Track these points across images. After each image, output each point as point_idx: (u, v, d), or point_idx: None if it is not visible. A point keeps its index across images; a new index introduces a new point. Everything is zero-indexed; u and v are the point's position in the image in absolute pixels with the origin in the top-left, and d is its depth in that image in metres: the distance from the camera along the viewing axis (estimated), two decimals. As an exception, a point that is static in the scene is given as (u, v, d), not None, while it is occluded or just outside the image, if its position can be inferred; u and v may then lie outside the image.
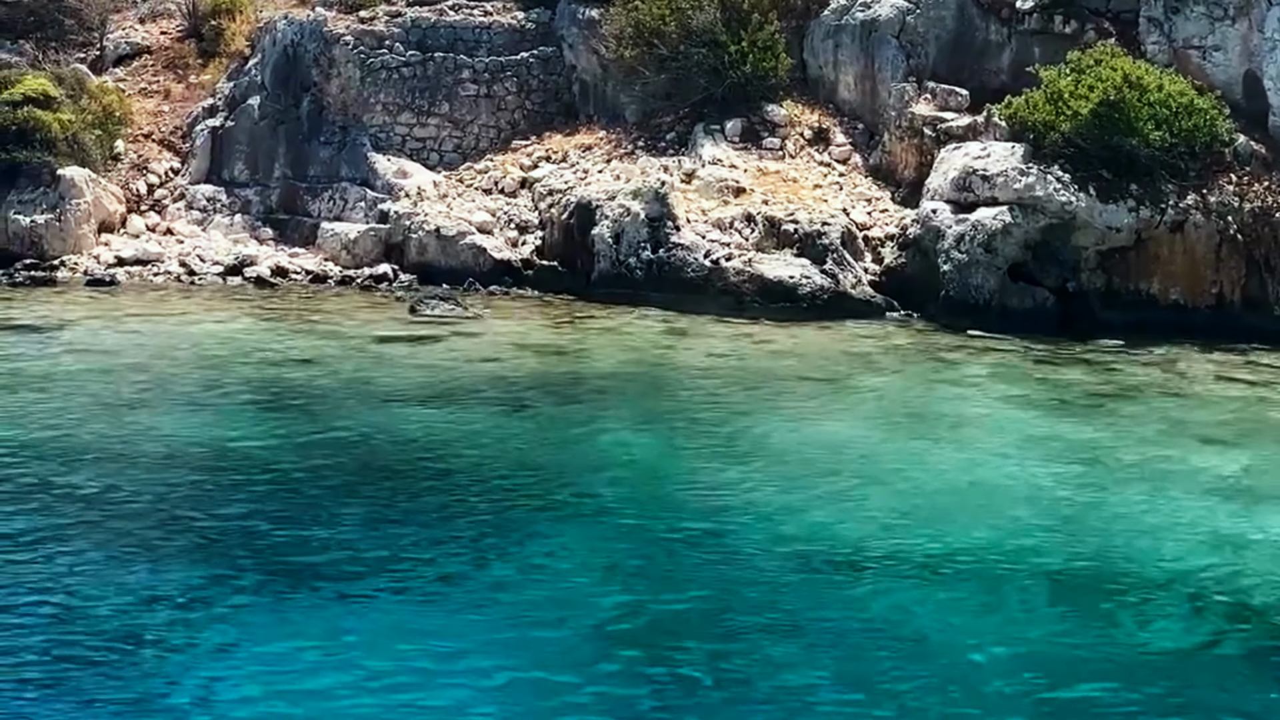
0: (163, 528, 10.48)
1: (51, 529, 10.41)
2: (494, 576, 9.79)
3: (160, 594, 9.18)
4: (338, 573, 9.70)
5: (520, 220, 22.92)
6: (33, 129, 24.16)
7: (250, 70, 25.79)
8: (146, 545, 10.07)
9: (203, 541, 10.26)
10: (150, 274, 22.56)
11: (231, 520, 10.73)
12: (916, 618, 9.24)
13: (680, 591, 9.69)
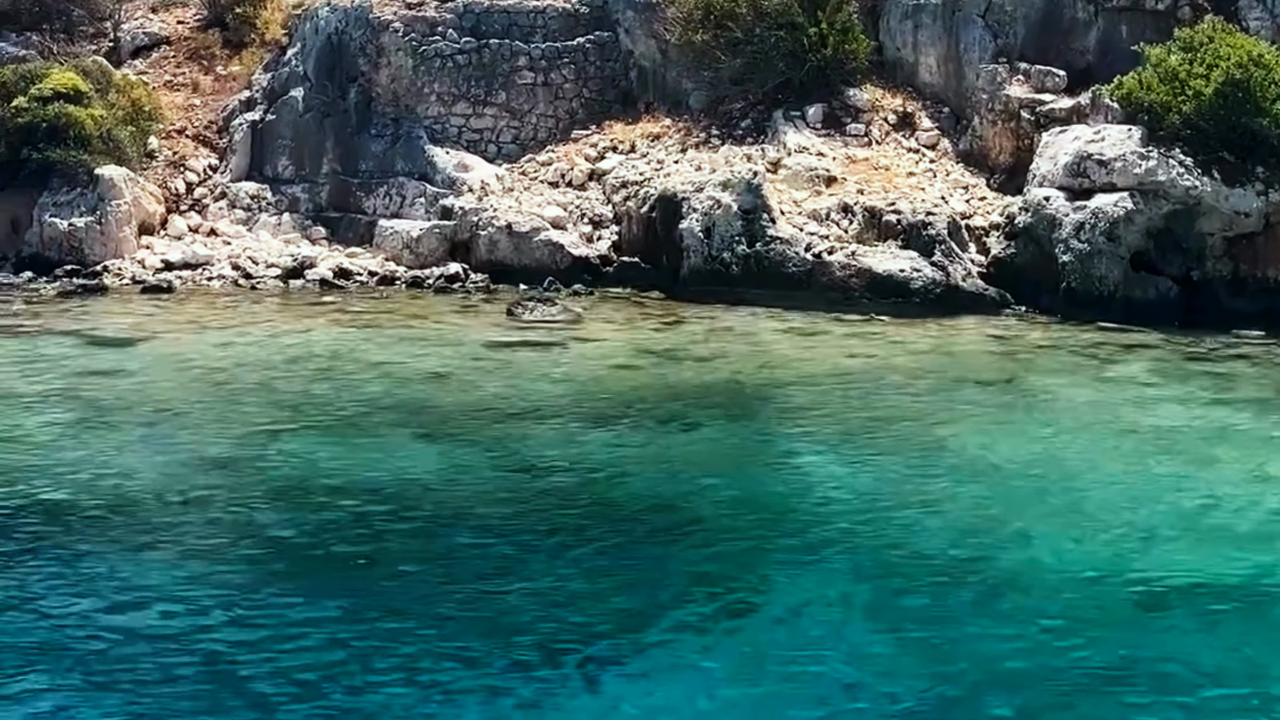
0: (369, 593, 9.20)
1: (250, 580, 9.29)
2: (755, 631, 8.68)
3: (389, 678, 7.90)
4: (587, 636, 8.53)
5: (594, 214, 21.79)
6: (65, 126, 22.67)
7: (290, 60, 24.40)
8: (356, 615, 8.74)
9: (425, 610, 8.94)
10: (203, 278, 21.22)
11: (443, 572, 9.52)
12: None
13: (979, 635, 8.71)
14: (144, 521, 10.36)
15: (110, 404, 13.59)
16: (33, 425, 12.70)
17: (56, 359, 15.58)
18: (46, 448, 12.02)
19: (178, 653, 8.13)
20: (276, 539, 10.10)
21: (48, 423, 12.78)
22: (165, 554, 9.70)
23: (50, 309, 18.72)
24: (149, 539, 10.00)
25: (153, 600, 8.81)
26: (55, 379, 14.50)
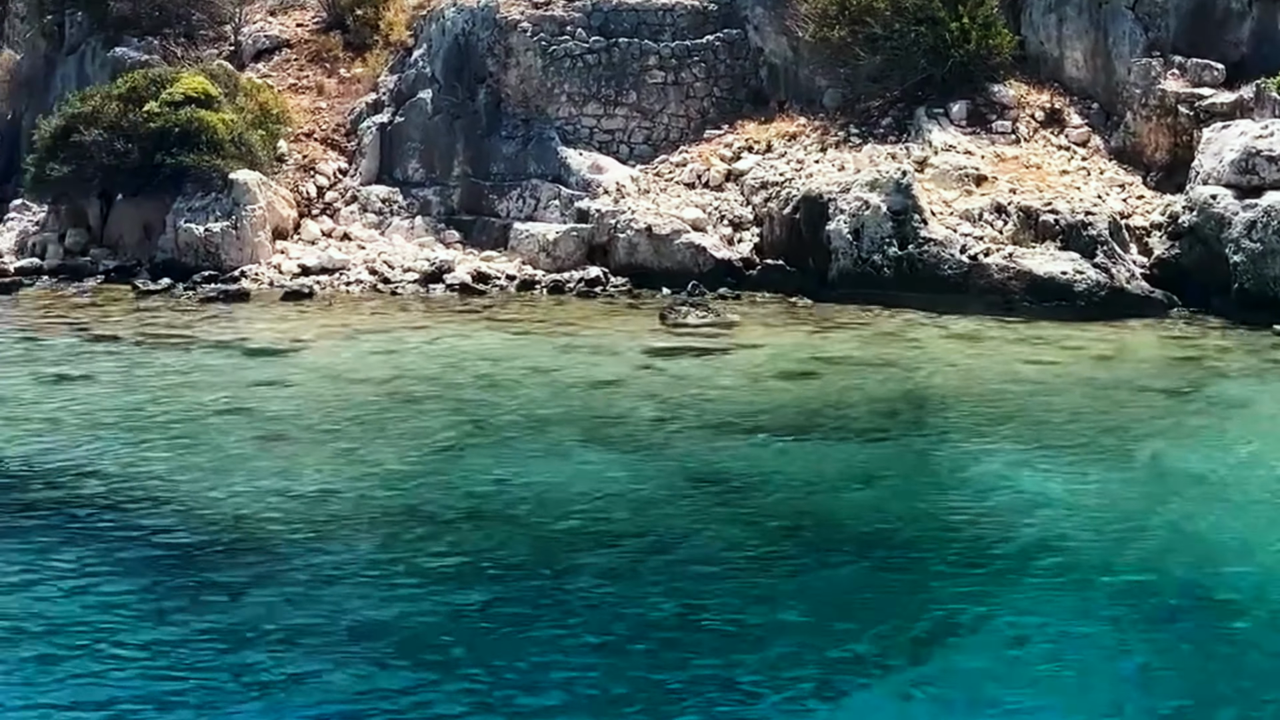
0: (574, 614, 8.94)
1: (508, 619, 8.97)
2: (979, 658, 8.16)
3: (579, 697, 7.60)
4: (797, 663, 8.03)
5: (733, 216, 21.36)
6: (197, 130, 22.61)
7: (416, 62, 24.19)
8: (554, 644, 8.43)
9: (614, 632, 8.60)
10: (341, 283, 21.04)
11: (640, 595, 9.12)
12: None
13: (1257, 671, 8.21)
14: (350, 546, 10.05)
15: (283, 418, 13.33)
16: (217, 442, 12.48)
17: (218, 370, 15.39)
18: (236, 468, 11.76)
19: (426, 689, 7.85)
20: (483, 557, 9.74)
21: (231, 440, 12.55)
22: (381, 577, 9.43)
23: (196, 316, 18.59)
24: (361, 563, 9.73)
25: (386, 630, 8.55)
26: (223, 393, 14.26)
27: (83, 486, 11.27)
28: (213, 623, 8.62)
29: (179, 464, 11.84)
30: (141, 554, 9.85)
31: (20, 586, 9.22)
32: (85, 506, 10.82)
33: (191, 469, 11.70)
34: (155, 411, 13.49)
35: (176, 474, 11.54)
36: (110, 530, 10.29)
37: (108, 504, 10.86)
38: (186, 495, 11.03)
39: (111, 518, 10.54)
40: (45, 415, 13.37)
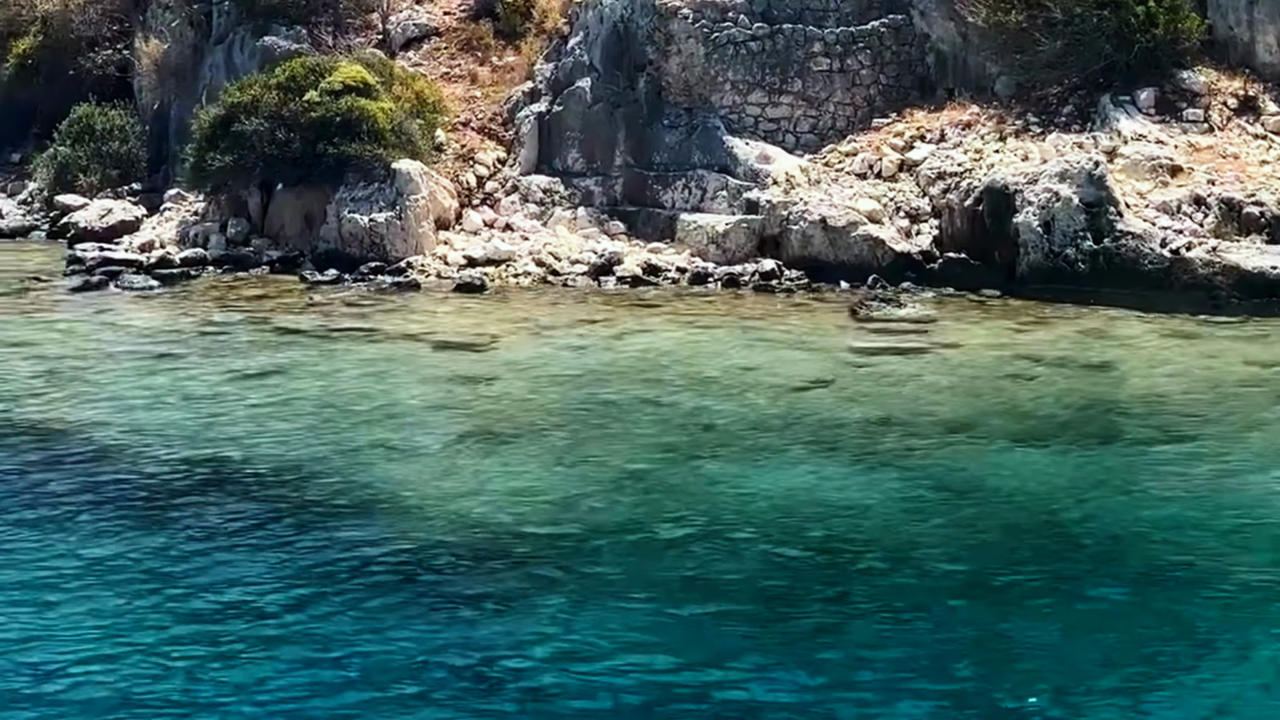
0: (839, 645, 8.44)
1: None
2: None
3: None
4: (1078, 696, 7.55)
5: (909, 207, 20.70)
6: (357, 120, 22.38)
7: (573, 50, 23.77)
8: (823, 675, 8.00)
9: (874, 657, 8.08)
10: (509, 275, 20.71)
11: (893, 618, 8.64)
12: None
13: None
14: (591, 555, 9.68)
15: (493, 416, 12.99)
16: (433, 443, 12.16)
17: (413, 365, 15.09)
18: (461, 470, 11.43)
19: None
20: (733, 576, 9.30)
21: (447, 439, 12.24)
22: (628, 590, 9.02)
23: (373, 308, 18.32)
24: (605, 574, 9.33)
25: (647, 648, 8.10)
26: (425, 389, 13.97)
27: (306, 489, 11.00)
28: (474, 637, 8.25)
29: (401, 465, 11.55)
30: (386, 562, 9.54)
31: (271, 592, 8.96)
32: (313, 510, 10.55)
33: (415, 471, 11.41)
34: (363, 409, 13.19)
35: (402, 476, 11.26)
36: (346, 535, 10.00)
37: (337, 508, 10.59)
38: (418, 499, 10.73)
39: (345, 523, 10.25)
40: (249, 413, 13.14)
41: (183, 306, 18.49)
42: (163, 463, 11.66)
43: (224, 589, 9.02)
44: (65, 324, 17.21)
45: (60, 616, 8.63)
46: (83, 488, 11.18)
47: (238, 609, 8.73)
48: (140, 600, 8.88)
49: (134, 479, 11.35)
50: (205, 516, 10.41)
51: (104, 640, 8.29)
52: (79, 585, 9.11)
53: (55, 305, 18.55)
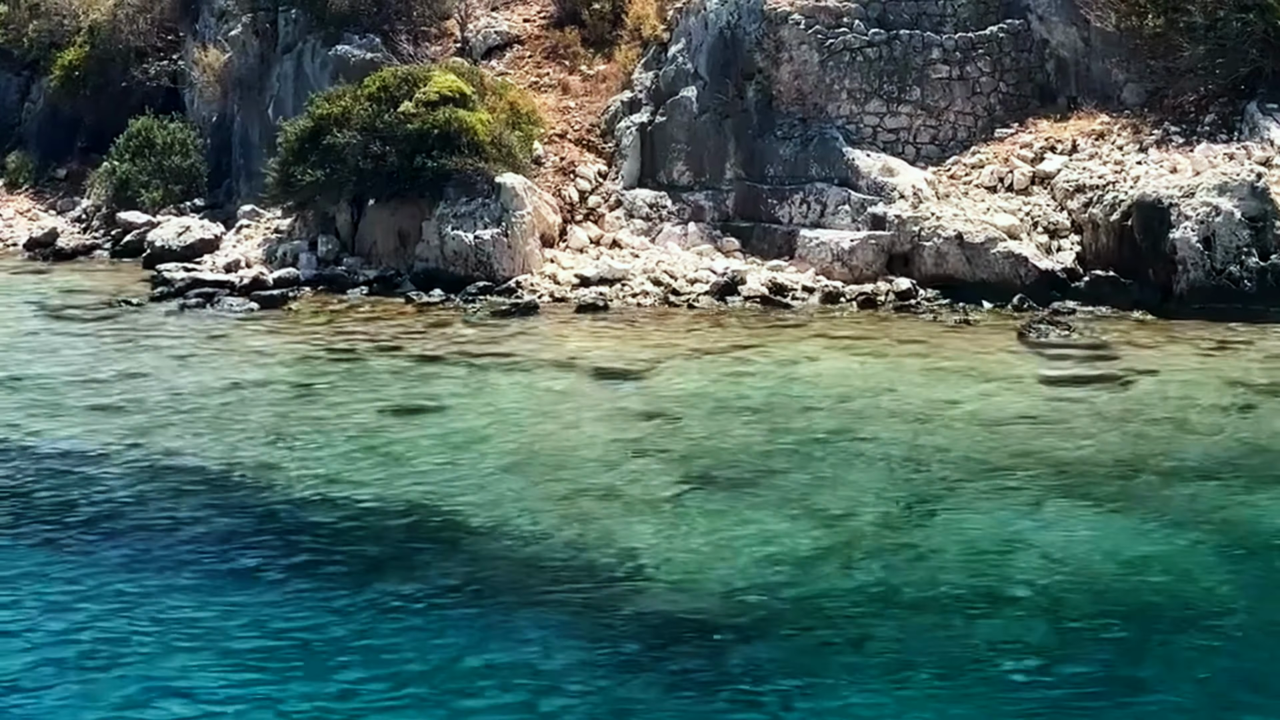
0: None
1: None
2: None
3: None
4: None
5: (1048, 222, 19.68)
6: (457, 132, 21.31)
7: (674, 58, 22.70)
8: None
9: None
10: (627, 295, 19.62)
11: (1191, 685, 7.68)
12: None
13: None
14: (867, 625, 8.62)
15: (696, 458, 11.82)
16: (642, 491, 11.02)
17: (578, 397, 14.01)
18: (687, 524, 10.32)
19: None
20: (1026, 649, 8.25)
21: (657, 486, 11.13)
22: (917, 666, 7.97)
23: (500, 332, 17.23)
24: (890, 649, 8.28)
25: None
26: (605, 426, 12.79)
27: (527, 548, 9.87)
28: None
29: (626, 521, 10.40)
30: (653, 639, 8.45)
31: (516, 677, 7.87)
32: (543, 573, 9.45)
33: (644, 528, 10.24)
34: (551, 450, 12.10)
35: (632, 534, 10.10)
36: (593, 607, 8.89)
37: (573, 571, 9.47)
38: (659, 562, 9.61)
39: (586, 592, 9.13)
40: (426, 454, 12.01)
41: (296, 331, 17.36)
42: (354, 513, 10.56)
43: (458, 667, 7.97)
44: (180, 351, 16.09)
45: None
46: (269, 542, 10.10)
47: (486, 696, 7.68)
48: (375, 686, 7.81)
49: (327, 531, 10.26)
50: (414, 580, 9.29)
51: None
52: (284, 666, 8.06)
53: (159, 330, 17.41)
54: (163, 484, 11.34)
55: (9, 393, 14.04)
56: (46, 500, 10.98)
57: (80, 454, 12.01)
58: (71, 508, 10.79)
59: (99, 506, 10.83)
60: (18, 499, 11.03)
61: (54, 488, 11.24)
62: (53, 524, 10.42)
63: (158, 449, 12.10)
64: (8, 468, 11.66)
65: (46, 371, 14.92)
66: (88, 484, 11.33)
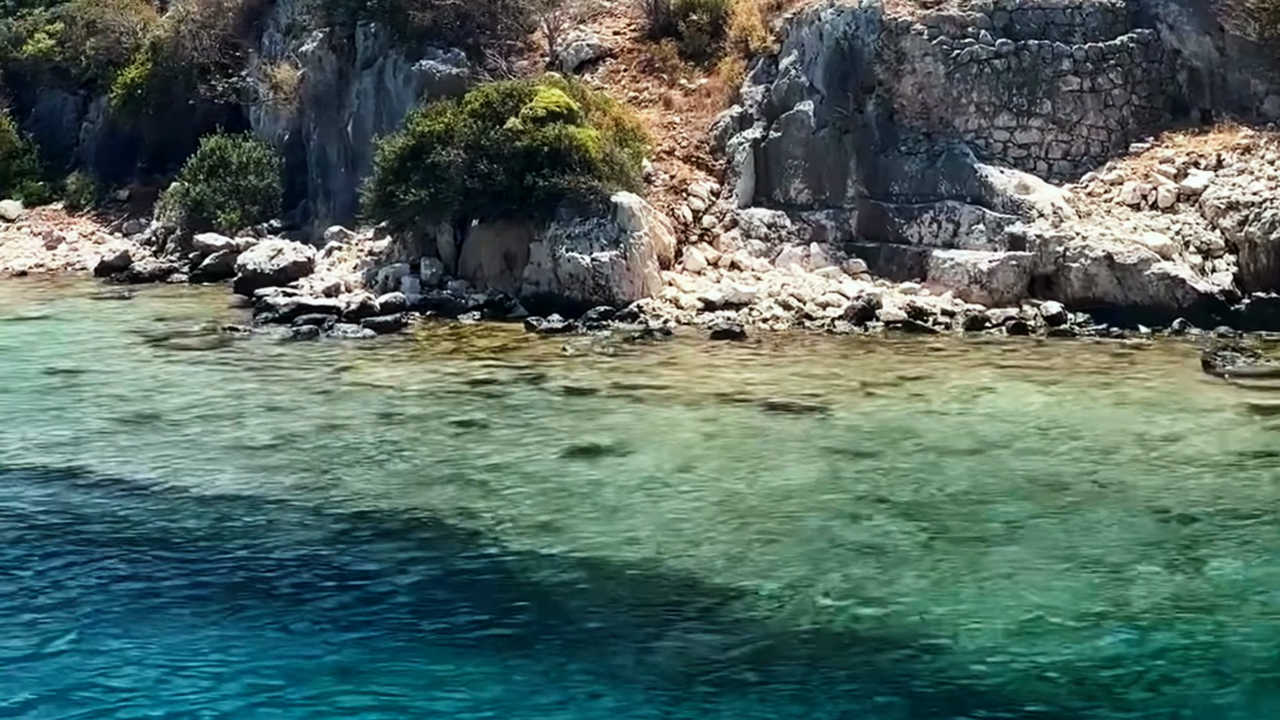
0: None
1: None
2: None
3: None
4: None
5: (1199, 241, 18.71)
6: (568, 149, 20.36)
7: (787, 70, 21.75)
8: None
9: None
10: (758, 319, 18.64)
11: None
12: None
13: None
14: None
15: (923, 506, 10.84)
16: (886, 542, 10.02)
17: (774, 436, 12.93)
18: (953, 587, 9.29)
19: None
20: None
21: (900, 540, 10.09)
22: None
23: (641, 361, 16.22)
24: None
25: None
26: (809, 468, 11.77)
27: (779, 613, 8.89)
28: None
29: (879, 579, 9.38)
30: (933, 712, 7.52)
31: None
32: (804, 642, 8.47)
33: (904, 587, 9.23)
34: (762, 495, 11.07)
35: (890, 595, 9.11)
36: (856, 675, 7.95)
37: (837, 640, 8.50)
38: (926, 624, 8.63)
39: (857, 660, 8.18)
40: (617, 499, 11.03)
41: (425, 360, 16.38)
42: (567, 569, 9.59)
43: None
44: (311, 382, 15.12)
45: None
46: (480, 603, 9.13)
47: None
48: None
49: (541, 590, 9.29)
50: (655, 652, 8.35)
51: None
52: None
53: (279, 360, 16.45)
54: (347, 535, 10.37)
55: (148, 431, 13.09)
56: (221, 557, 9.98)
57: (248, 501, 11.05)
58: (252, 565, 9.82)
59: (283, 564, 9.85)
60: (191, 552, 10.06)
61: (227, 541, 10.27)
62: (234, 586, 9.45)
63: (332, 494, 11.13)
64: (168, 519, 10.67)
65: (178, 406, 13.96)
66: (263, 536, 10.35)
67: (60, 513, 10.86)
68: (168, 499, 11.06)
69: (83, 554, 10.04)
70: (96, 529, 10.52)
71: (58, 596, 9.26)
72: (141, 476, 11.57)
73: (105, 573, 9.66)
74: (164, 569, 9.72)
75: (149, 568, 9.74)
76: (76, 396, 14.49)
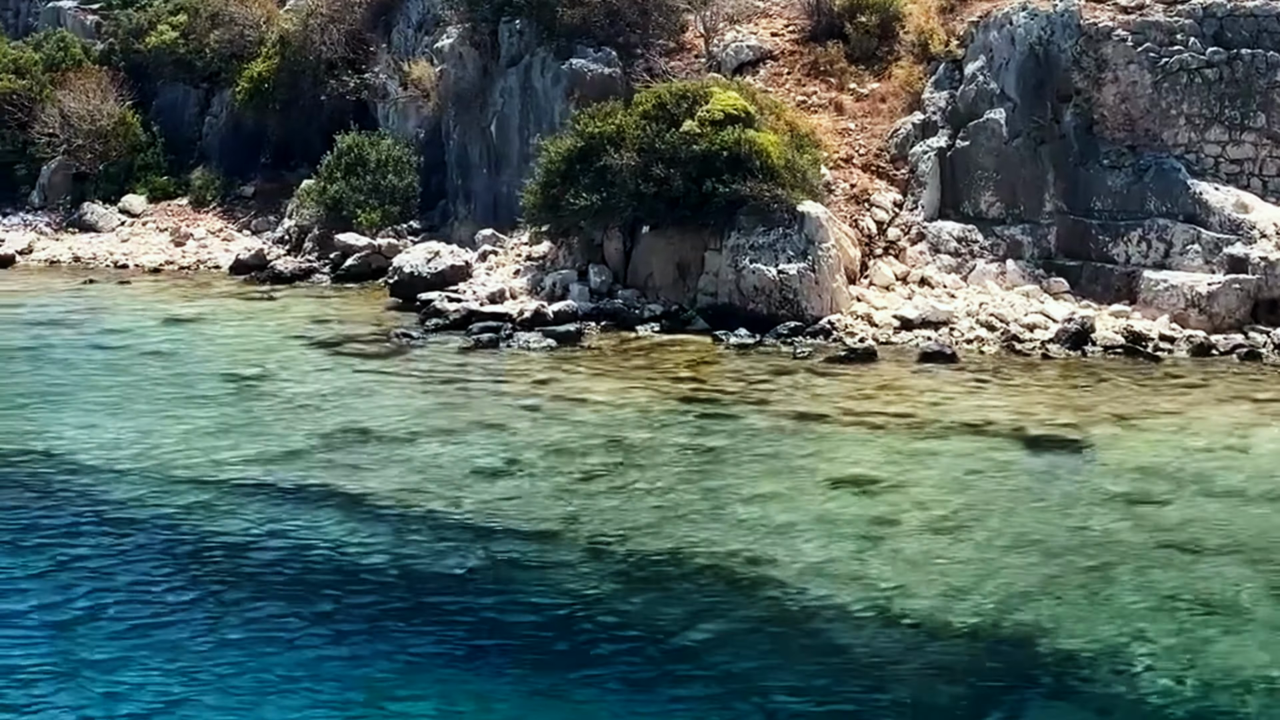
0: None
1: None
2: None
3: None
4: None
5: None
6: (749, 154, 19.27)
7: (974, 76, 20.56)
8: None
9: None
10: (959, 340, 17.42)
11: None
12: None
13: None
14: None
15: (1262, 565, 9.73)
16: (1248, 601, 8.93)
17: (1036, 474, 11.73)
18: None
19: None
20: None
21: (1251, 592, 9.02)
22: None
23: (858, 384, 14.98)
24: None
25: None
26: (1106, 513, 10.53)
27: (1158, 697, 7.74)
28: None
29: (1234, 647, 8.27)
30: None
31: None
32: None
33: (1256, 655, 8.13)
34: (1080, 547, 9.83)
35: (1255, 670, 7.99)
36: None
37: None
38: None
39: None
40: (923, 549, 9.81)
41: (625, 375, 15.29)
42: (906, 632, 8.48)
43: None
44: (514, 395, 14.11)
45: None
46: (799, 672, 8.04)
47: None
48: None
49: (865, 658, 8.19)
50: None
51: None
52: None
53: (466, 370, 15.43)
54: (623, 577, 9.29)
55: (365, 447, 12.08)
56: (480, 603, 8.92)
57: (504, 534, 10.00)
58: (520, 613, 8.78)
59: (556, 610, 8.80)
60: (444, 596, 9.01)
61: (483, 584, 9.22)
62: (523, 641, 8.40)
63: (590, 529, 10.07)
64: (419, 552, 9.66)
65: (387, 421, 12.98)
66: (528, 577, 9.30)
67: (302, 542, 9.89)
68: (412, 528, 10.05)
69: (328, 593, 9.07)
70: (340, 560, 9.55)
71: (313, 651, 8.28)
72: (378, 500, 10.58)
73: (356, 616, 8.69)
74: (426, 618, 8.71)
75: (407, 616, 8.71)
76: (269, 406, 13.54)
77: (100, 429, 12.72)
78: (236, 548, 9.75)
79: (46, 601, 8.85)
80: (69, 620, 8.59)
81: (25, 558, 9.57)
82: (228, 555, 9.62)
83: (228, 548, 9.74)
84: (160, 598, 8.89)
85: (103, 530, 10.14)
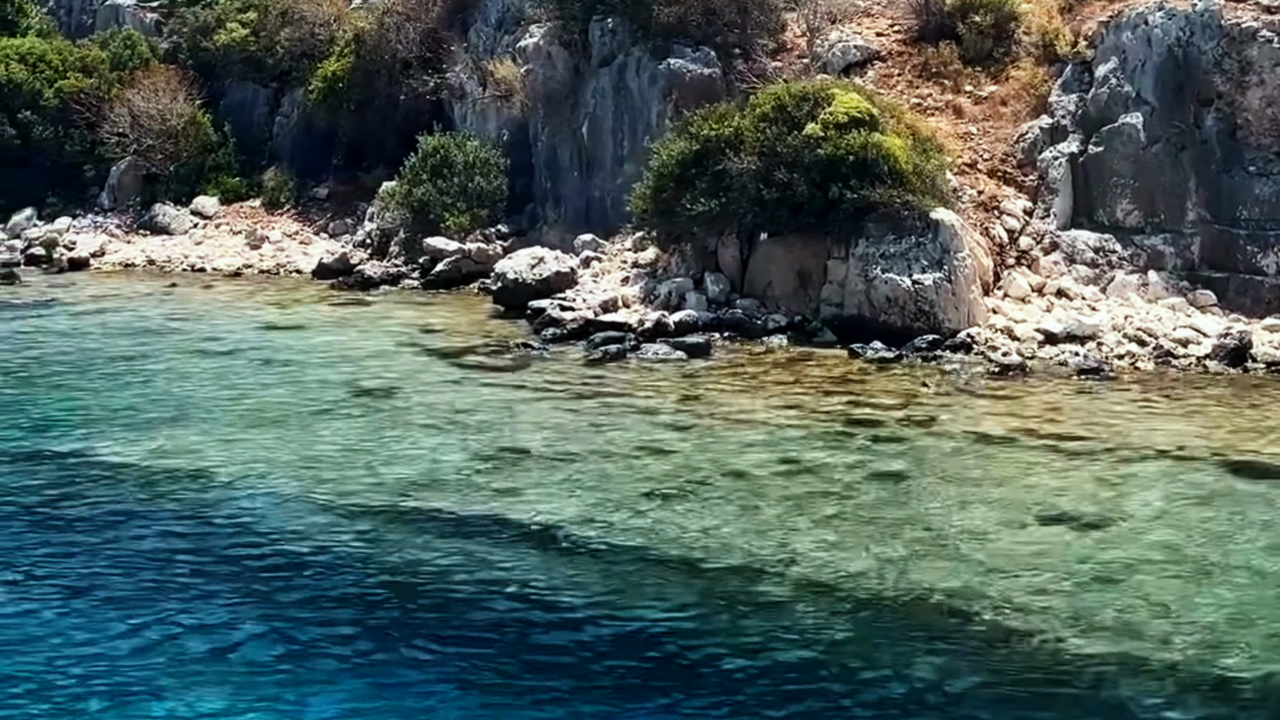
0: None
1: None
2: None
3: None
4: None
5: None
6: (875, 159, 18.37)
7: (1106, 79, 19.62)
8: None
9: None
10: (1108, 355, 16.48)
11: None
12: None
13: None
14: None
15: None
16: None
17: (1258, 499, 10.81)
18: None
19: None
20: None
21: None
22: None
23: (1023, 403, 14.05)
24: None
25: None
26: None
27: None
28: None
29: None
30: None
31: None
32: None
33: None
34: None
35: None
36: None
37: None
38: None
39: None
40: (1165, 593, 8.83)
41: (769, 391, 14.39)
42: (1176, 699, 7.61)
43: None
44: (659, 414, 13.22)
45: None
46: None
47: None
48: None
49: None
50: None
51: None
52: None
53: (601, 383, 14.55)
54: (842, 620, 8.42)
55: (528, 469, 11.23)
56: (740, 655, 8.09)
57: (720, 573, 9.12)
58: (738, 660, 7.93)
59: (773, 652, 7.94)
60: (693, 653, 8.14)
61: (711, 627, 8.37)
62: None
63: (790, 563, 9.19)
64: (636, 591, 8.79)
65: (539, 440, 12.11)
66: (744, 622, 8.42)
67: (492, 578, 9.02)
68: (605, 562, 9.19)
69: (538, 640, 8.21)
70: (536, 600, 8.68)
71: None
72: (563, 530, 9.71)
73: (565, 671, 7.82)
74: (668, 677, 7.85)
75: (646, 675, 7.86)
76: (409, 423, 12.69)
77: (239, 447, 11.88)
78: (421, 586, 8.88)
79: (209, 622, 8.05)
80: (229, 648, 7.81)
81: (177, 580, 8.77)
82: (411, 595, 8.76)
83: (409, 589, 8.86)
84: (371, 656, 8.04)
85: (274, 556, 9.32)
